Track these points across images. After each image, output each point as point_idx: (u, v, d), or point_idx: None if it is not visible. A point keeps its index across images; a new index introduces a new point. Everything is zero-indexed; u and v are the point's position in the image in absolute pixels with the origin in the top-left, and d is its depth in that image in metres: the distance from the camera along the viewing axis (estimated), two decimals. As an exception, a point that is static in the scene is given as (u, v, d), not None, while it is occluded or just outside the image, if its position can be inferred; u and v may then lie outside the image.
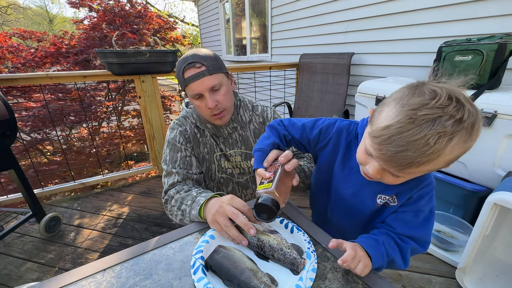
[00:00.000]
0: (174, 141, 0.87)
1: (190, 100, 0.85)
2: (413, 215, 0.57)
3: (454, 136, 0.38)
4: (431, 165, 0.41)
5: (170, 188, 0.83)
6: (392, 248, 0.56)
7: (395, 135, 0.41)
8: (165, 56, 2.07)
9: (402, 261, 0.57)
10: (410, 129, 0.39)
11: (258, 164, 0.62)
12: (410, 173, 0.45)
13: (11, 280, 1.37)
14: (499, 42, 1.21)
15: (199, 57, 0.78)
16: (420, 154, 0.39)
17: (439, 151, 0.39)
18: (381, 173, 0.48)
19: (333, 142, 0.65)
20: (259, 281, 0.49)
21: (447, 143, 0.38)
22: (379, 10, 2.09)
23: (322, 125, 0.67)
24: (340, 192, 0.66)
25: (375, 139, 0.44)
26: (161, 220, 1.86)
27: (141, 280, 0.53)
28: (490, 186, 1.26)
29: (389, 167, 0.44)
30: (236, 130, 0.94)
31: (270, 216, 0.55)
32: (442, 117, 0.38)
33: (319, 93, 2.54)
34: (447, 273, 1.31)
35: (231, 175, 0.95)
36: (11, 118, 1.41)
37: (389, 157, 0.42)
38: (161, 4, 22.89)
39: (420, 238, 0.57)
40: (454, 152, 0.40)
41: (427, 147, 0.39)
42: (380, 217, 0.63)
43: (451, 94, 0.40)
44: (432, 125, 0.38)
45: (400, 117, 0.41)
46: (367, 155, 0.49)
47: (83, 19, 4.70)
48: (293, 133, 0.70)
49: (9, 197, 1.92)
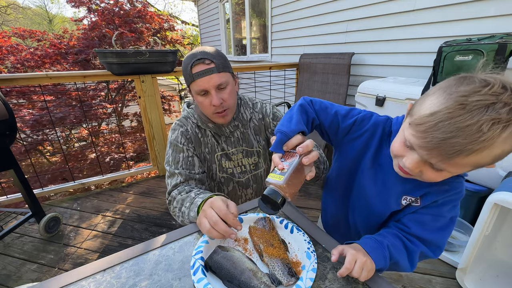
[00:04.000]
0: (176, 141, 0.87)
1: (194, 96, 0.85)
2: (432, 218, 0.55)
3: (509, 124, 0.36)
4: (480, 156, 0.38)
5: (173, 189, 0.83)
6: (399, 251, 0.55)
7: (444, 121, 0.38)
8: (165, 56, 2.06)
9: (408, 264, 0.55)
10: (461, 115, 0.37)
11: (277, 148, 0.56)
12: (455, 165, 0.41)
13: (10, 280, 1.37)
14: (500, 42, 1.21)
15: (209, 54, 0.79)
16: (472, 141, 0.36)
17: (492, 139, 0.36)
18: (420, 166, 0.45)
19: (366, 136, 0.61)
20: (259, 281, 0.49)
21: (502, 131, 0.36)
22: (379, 10, 2.08)
23: (358, 116, 0.63)
24: (364, 188, 0.64)
25: (419, 127, 0.42)
26: (161, 220, 1.86)
27: (141, 280, 0.52)
28: (490, 186, 1.25)
29: (433, 156, 0.41)
30: (238, 128, 0.94)
31: (273, 209, 0.52)
32: (496, 104, 0.36)
33: (319, 93, 2.54)
34: (447, 273, 1.31)
35: (232, 174, 0.95)
36: (10, 118, 1.41)
37: (435, 145, 0.39)
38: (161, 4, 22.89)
39: (433, 242, 0.55)
40: (507, 143, 0.37)
41: (480, 133, 0.36)
42: (397, 216, 0.61)
43: (505, 83, 0.38)
44: (485, 111, 0.36)
45: (448, 104, 0.39)
46: (406, 147, 0.46)
47: (82, 18, 4.70)
48: (322, 119, 0.64)
49: (9, 197, 1.92)
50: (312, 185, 2.21)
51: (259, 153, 0.97)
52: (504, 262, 1.27)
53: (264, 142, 0.99)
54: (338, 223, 0.77)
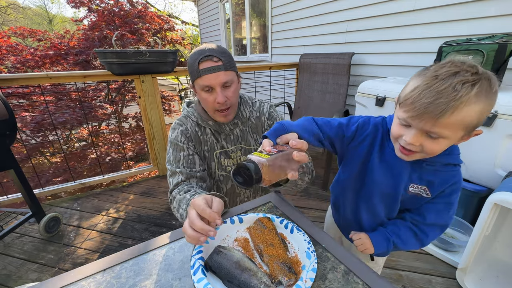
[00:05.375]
0: (176, 140, 0.88)
1: (198, 92, 0.86)
2: (445, 207, 0.64)
3: (476, 83, 0.44)
4: (463, 112, 0.45)
5: (174, 188, 0.83)
6: (405, 238, 0.68)
7: (425, 90, 0.47)
8: (165, 56, 2.06)
9: (419, 244, 0.67)
10: (437, 83, 0.46)
11: (271, 136, 0.57)
12: (446, 126, 0.47)
13: (10, 280, 1.37)
14: (500, 42, 1.21)
15: (217, 52, 0.80)
16: (451, 99, 0.44)
17: (467, 95, 0.44)
18: (419, 139, 0.51)
19: (370, 138, 0.68)
20: (259, 281, 0.49)
21: (471, 88, 0.44)
22: (379, 10, 2.08)
23: (358, 122, 0.69)
24: (377, 183, 0.68)
25: (407, 101, 0.50)
26: (161, 220, 1.86)
27: (141, 280, 0.52)
28: (490, 187, 1.25)
29: (426, 121, 0.48)
30: (237, 126, 0.95)
31: (245, 183, 0.48)
32: (460, 71, 0.45)
33: (319, 93, 2.54)
34: (447, 273, 1.31)
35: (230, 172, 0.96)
36: (10, 118, 1.41)
37: (424, 110, 0.47)
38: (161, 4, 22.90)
39: (446, 224, 0.66)
40: (481, 101, 0.45)
41: (456, 92, 0.44)
42: (410, 205, 0.69)
43: (461, 59, 0.48)
44: (454, 76, 0.45)
45: (425, 79, 0.48)
46: (402, 126, 0.54)
47: (82, 18, 4.70)
48: (328, 132, 0.68)
49: (9, 197, 1.92)
50: (311, 185, 2.21)
51: None
52: (504, 262, 1.27)
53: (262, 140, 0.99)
54: (351, 223, 0.80)
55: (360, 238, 0.72)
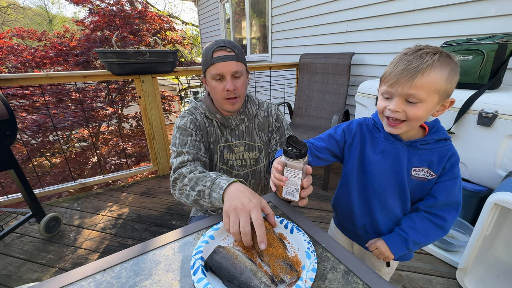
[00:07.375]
0: (185, 126, 0.88)
1: (208, 81, 0.89)
2: (451, 182, 0.67)
3: (436, 54, 0.55)
4: (433, 75, 0.55)
5: (181, 166, 0.81)
6: (424, 228, 0.68)
7: (398, 62, 0.59)
8: (165, 56, 2.06)
9: (441, 232, 0.68)
10: (406, 56, 0.58)
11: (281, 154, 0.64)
12: (421, 87, 0.56)
13: (11, 280, 1.37)
14: (500, 42, 1.21)
15: (231, 44, 0.86)
16: (420, 64, 0.55)
17: (432, 60, 0.55)
18: (401, 106, 0.59)
19: (358, 135, 0.75)
20: (259, 281, 0.49)
21: (433, 57, 0.55)
22: (379, 10, 2.08)
23: (343, 126, 0.78)
24: (378, 175, 0.71)
25: (385, 75, 0.61)
26: (161, 220, 1.86)
27: (141, 280, 0.52)
28: (490, 187, 1.25)
29: (403, 85, 0.57)
30: (243, 122, 0.97)
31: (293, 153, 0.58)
32: (423, 49, 0.57)
33: (320, 93, 2.54)
34: (447, 273, 1.31)
35: (232, 167, 0.97)
36: (11, 118, 1.41)
37: (399, 75, 0.57)
38: (161, 4, 22.90)
39: (457, 200, 0.67)
40: (444, 67, 0.55)
41: (422, 59, 0.55)
42: (420, 193, 0.70)
43: (425, 45, 0.59)
44: (420, 51, 0.57)
45: (397, 57, 0.60)
46: (385, 99, 0.62)
47: (83, 19, 4.71)
48: (320, 144, 0.77)
49: (9, 197, 1.92)
50: (311, 185, 2.21)
51: (260, 149, 1.00)
52: (504, 262, 1.27)
53: (267, 139, 1.01)
54: (367, 228, 0.80)
55: (377, 248, 0.71)
